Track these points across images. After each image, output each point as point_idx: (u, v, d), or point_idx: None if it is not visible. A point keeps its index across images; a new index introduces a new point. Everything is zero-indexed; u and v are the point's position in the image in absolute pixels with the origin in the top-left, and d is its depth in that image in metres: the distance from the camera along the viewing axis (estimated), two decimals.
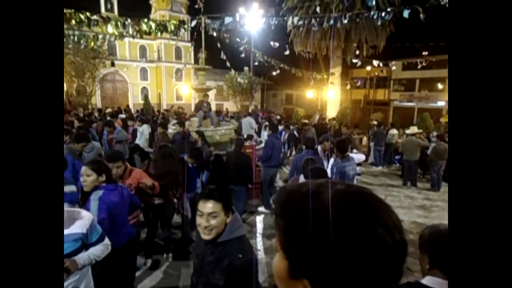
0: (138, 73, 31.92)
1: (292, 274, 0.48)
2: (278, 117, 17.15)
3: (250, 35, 11.92)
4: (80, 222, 1.88)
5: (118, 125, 8.79)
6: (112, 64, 21.07)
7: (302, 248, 0.46)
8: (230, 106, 28.79)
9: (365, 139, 12.91)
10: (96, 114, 13.24)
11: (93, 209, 2.34)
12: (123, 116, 11.67)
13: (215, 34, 9.03)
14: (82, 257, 1.84)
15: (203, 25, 8.71)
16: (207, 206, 1.62)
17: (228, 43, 11.25)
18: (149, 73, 32.83)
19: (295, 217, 0.47)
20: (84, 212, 1.99)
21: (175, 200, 4.18)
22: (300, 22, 8.18)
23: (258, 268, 1.72)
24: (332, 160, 4.59)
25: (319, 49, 16.19)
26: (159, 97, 32.62)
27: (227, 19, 8.08)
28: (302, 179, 3.50)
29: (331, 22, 7.62)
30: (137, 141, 7.93)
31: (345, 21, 7.58)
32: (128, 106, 21.42)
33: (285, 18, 8.03)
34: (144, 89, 32.37)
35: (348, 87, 23.53)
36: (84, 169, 2.45)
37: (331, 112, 16.82)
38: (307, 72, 17.30)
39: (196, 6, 8.38)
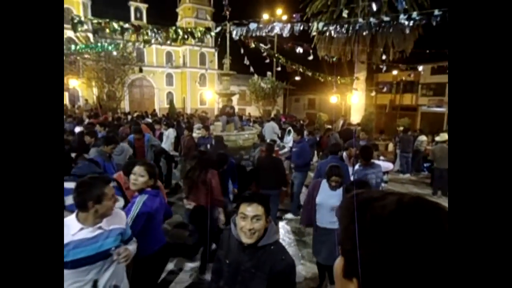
0: (164, 79, 32.94)
1: (345, 273, 0.52)
2: (302, 121, 17.04)
3: (273, 41, 12.01)
4: (122, 217, 1.96)
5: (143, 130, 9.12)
6: (140, 70, 21.87)
7: (360, 248, 0.47)
8: (253, 110, 28.98)
9: (391, 145, 12.52)
10: (123, 116, 13.77)
11: (134, 210, 2.33)
12: (149, 120, 12.08)
13: (239, 39, 9.17)
14: (130, 248, 1.88)
15: (228, 31, 8.88)
16: (251, 209, 1.63)
17: (251, 49, 11.39)
18: (174, 79, 33.79)
19: (354, 220, 0.50)
20: (118, 209, 2.07)
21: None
22: (325, 28, 8.13)
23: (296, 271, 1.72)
24: (356, 167, 4.50)
25: (343, 53, 15.96)
26: (183, 101, 33.44)
27: (252, 25, 8.19)
28: (324, 184, 3.45)
29: (357, 27, 7.51)
30: (163, 145, 8.15)
31: (371, 28, 7.45)
32: (154, 110, 22.14)
33: (310, 24, 8.02)
34: (169, 94, 33.32)
35: (373, 93, 22.96)
36: (138, 168, 2.44)
37: (356, 117, 16.47)
38: (331, 77, 17.08)
39: (223, 14, 8.58)
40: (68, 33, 15.53)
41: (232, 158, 5.36)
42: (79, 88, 23.16)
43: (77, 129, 7.83)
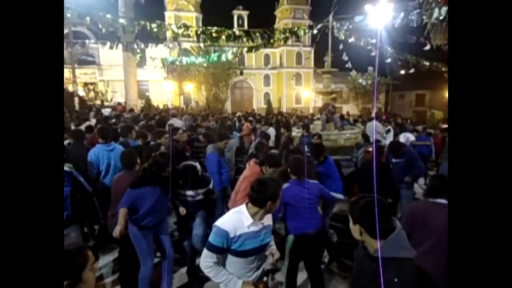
0: (262, 80, 34.55)
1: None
2: (407, 120, 15.28)
3: (379, 33, 11.07)
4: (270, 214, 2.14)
5: (247, 129, 9.74)
6: (241, 73, 23.59)
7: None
8: (351, 109, 27.54)
9: None
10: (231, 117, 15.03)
11: None
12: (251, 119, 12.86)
13: (342, 36, 8.83)
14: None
15: (330, 27, 8.66)
16: None
17: (350, 44, 10.80)
18: (271, 79, 35.04)
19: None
20: None
21: None
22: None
23: None
24: None
25: None
26: (279, 101, 34.36)
27: (357, 18, 7.76)
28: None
29: None
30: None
31: None
32: (253, 110, 23.51)
33: (427, 11, 7.06)
34: (266, 94, 34.75)
35: None
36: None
37: None
38: (447, 68, 14.72)
39: (330, 10, 8.43)
40: (184, 44, 17.93)
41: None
42: (191, 92, 26.51)
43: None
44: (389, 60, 11.68)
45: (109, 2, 14.73)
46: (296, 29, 8.99)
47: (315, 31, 8.91)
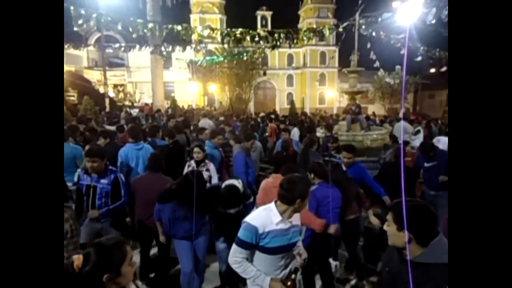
0: (285, 80, 34.37)
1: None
2: (438, 120, 14.59)
3: (407, 30, 10.66)
4: (298, 214, 2.13)
5: (271, 129, 9.73)
6: (264, 74, 23.63)
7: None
8: (377, 109, 26.73)
9: None
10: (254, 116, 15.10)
11: None
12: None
13: (369, 34, 8.59)
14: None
15: (356, 25, 8.46)
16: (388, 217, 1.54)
17: (377, 42, 10.47)
18: (295, 79, 34.78)
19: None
20: None
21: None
22: None
23: None
24: None
25: None
26: (302, 101, 34.04)
27: (386, 15, 7.53)
28: None
29: None
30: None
31: None
32: (274, 110, 23.44)
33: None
34: (289, 95, 34.54)
35: None
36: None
37: None
38: None
39: (356, 8, 8.24)
40: (209, 46, 18.24)
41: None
42: (215, 92, 26.91)
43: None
44: (419, 58, 11.22)
45: (137, 6, 15.32)
46: (321, 28, 8.86)
47: (340, 30, 8.74)
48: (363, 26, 8.39)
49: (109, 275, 1.28)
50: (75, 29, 8.19)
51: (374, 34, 9.55)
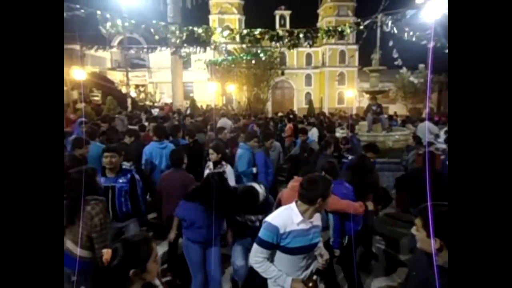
0: (303, 80, 34.05)
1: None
2: None
3: (433, 27, 10.26)
4: (319, 215, 2.11)
5: (289, 130, 9.65)
6: (282, 73, 23.51)
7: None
8: (398, 109, 25.99)
9: None
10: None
11: None
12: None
13: (392, 31, 8.36)
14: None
15: (379, 23, 8.25)
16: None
17: (400, 40, 10.15)
18: (313, 79, 34.38)
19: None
20: None
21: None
22: None
23: None
24: None
25: None
26: (321, 101, 33.61)
27: (410, 12, 7.29)
28: None
29: None
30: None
31: None
32: (291, 110, 23.22)
33: None
34: (307, 94, 34.19)
35: None
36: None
37: None
38: None
39: (380, 6, 8.05)
40: (228, 46, 18.38)
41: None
42: (233, 92, 27.07)
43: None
44: (446, 53, 10.78)
45: (158, 9, 15.65)
46: (342, 26, 8.71)
47: (361, 28, 8.55)
48: (389, 23, 8.15)
49: (135, 270, 1.31)
50: (103, 32, 8.47)
51: (396, 31, 9.28)
